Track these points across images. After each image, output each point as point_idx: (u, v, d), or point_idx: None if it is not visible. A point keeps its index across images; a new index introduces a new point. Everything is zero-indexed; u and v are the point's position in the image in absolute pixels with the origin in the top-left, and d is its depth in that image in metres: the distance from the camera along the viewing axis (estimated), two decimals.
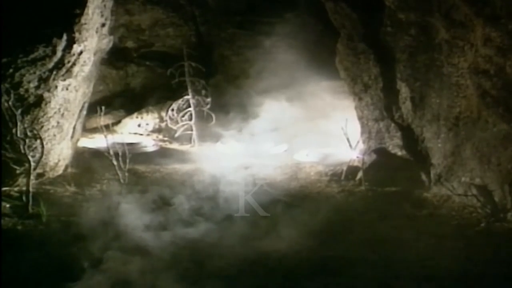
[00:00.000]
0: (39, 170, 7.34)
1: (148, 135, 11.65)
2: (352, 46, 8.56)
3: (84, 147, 9.68)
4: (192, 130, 11.07)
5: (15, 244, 5.72)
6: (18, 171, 7.12)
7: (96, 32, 7.82)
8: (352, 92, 8.89)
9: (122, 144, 8.20)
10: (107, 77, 11.80)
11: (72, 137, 8.42)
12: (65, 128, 7.98)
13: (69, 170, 8.38)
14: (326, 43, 10.31)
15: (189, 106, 11.16)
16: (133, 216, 6.47)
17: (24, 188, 6.90)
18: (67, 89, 7.63)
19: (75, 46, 7.14)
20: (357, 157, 8.66)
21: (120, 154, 7.75)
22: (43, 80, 7.11)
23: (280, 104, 10.73)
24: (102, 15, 7.92)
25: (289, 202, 7.38)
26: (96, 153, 9.09)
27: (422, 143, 7.92)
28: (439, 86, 7.44)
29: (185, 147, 10.85)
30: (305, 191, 8.02)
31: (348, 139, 8.65)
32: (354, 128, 9.04)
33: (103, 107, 8.68)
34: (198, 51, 11.44)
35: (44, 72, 7.06)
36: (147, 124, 11.84)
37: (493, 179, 6.62)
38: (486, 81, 6.52)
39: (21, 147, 6.86)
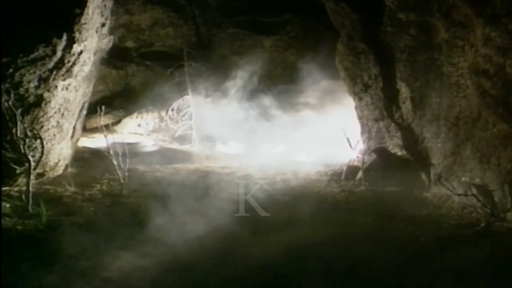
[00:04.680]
0: (39, 170, 7.33)
1: (148, 135, 11.66)
2: (352, 46, 8.57)
3: (84, 147, 9.69)
4: (192, 130, 11.08)
5: (15, 244, 5.71)
6: (18, 171, 7.12)
7: (96, 32, 7.82)
8: (352, 92, 8.89)
9: (122, 144, 8.20)
10: (107, 77, 11.82)
11: (72, 137, 8.42)
12: (65, 128, 7.98)
13: (69, 170, 8.38)
14: (326, 43, 10.33)
15: (189, 106, 11.18)
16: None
17: (24, 188, 6.90)
18: (67, 89, 7.63)
19: (75, 46, 7.14)
20: (357, 157, 8.66)
21: (120, 154, 7.74)
22: (43, 80, 7.11)
23: (280, 104, 10.75)
24: (102, 15, 7.92)
25: (289, 201, 7.39)
26: (96, 153, 9.10)
27: (422, 143, 7.92)
28: (439, 86, 7.45)
29: (185, 147, 10.86)
30: (305, 191, 8.02)
31: (348, 139, 8.65)
32: (355, 128, 9.05)
33: (103, 107, 8.69)
34: (198, 51, 11.45)
35: (44, 72, 7.06)
36: (147, 124, 11.86)
37: (493, 179, 6.62)
38: (486, 81, 6.52)
39: (21, 147, 6.86)
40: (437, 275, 5.16)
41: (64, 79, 7.43)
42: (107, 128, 8.65)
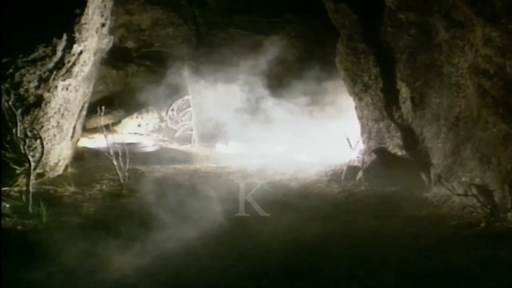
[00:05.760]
0: (39, 170, 7.33)
1: (148, 135, 11.67)
2: (352, 46, 8.57)
3: (84, 147, 9.69)
4: (192, 130, 11.09)
5: (15, 244, 5.71)
6: (18, 171, 7.12)
7: (96, 32, 7.82)
8: (352, 92, 8.90)
9: (122, 144, 8.20)
10: (107, 77, 11.81)
11: (72, 137, 8.42)
12: (65, 128, 7.98)
13: (69, 170, 8.38)
14: (326, 43, 10.32)
15: (189, 106, 11.18)
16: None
17: (24, 188, 6.89)
18: (67, 89, 7.63)
19: (75, 46, 7.14)
20: (357, 157, 8.66)
21: (120, 154, 7.74)
22: (43, 80, 7.11)
23: (280, 104, 10.74)
24: (102, 15, 7.92)
25: (289, 202, 7.39)
26: (96, 153, 9.10)
27: (422, 143, 7.92)
28: (439, 86, 7.45)
29: (185, 147, 10.86)
30: (305, 191, 8.02)
31: (348, 139, 8.66)
32: (355, 128, 9.05)
33: (103, 107, 8.69)
34: (198, 51, 11.45)
35: (44, 72, 7.06)
36: (147, 124, 11.87)
37: (493, 179, 6.62)
38: (486, 81, 6.52)
39: (21, 147, 6.86)
40: (437, 275, 5.16)
41: (64, 79, 7.43)
42: (107, 128, 8.65)
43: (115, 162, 7.71)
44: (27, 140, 6.93)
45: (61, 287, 4.85)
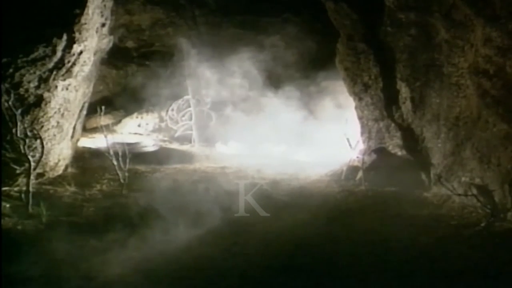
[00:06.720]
0: (39, 170, 7.33)
1: (148, 135, 11.67)
2: (352, 46, 8.57)
3: (84, 147, 9.69)
4: (192, 130, 11.10)
5: (15, 244, 5.71)
6: (18, 171, 7.11)
7: (96, 32, 7.83)
8: (352, 92, 8.90)
9: (122, 144, 8.20)
10: (107, 77, 11.81)
11: (72, 137, 8.42)
12: (65, 128, 7.98)
13: (69, 170, 8.38)
14: (326, 43, 10.32)
15: (189, 106, 11.19)
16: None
17: (24, 188, 6.90)
18: (67, 89, 7.63)
19: (75, 46, 7.14)
20: (357, 157, 8.66)
21: (120, 154, 7.74)
22: (43, 80, 7.11)
23: (281, 104, 10.75)
24: (102, 15, 7.92)
25: (289, 202, 7.39)
26: (96, 153, 9.10)
27: (422, 143, 7.92)
28: (439, 86, 7.45)
29: (185, 147, 10.87)
30: (305, 191, 8.02)
31: (348, 139, 8.66)
32: (355, 128, 9.05)
33: (103, 107, 8.69)
34: (198, 50, 11.45)
35: (44, 72, 7.06)
36: (147, 124, 11.87)
37: (493, 179, 6.62)
38: (486, 81, 6.52)
39: (21, 147, 6.86)
40: (437, 275, 5.16)
41: (64, 79, 7.44)
42: (107, 128, 8.66)
43: (115, 162, 7.71)
44: (27, 140, 6.93)
45: (60, 286, 4.85)
